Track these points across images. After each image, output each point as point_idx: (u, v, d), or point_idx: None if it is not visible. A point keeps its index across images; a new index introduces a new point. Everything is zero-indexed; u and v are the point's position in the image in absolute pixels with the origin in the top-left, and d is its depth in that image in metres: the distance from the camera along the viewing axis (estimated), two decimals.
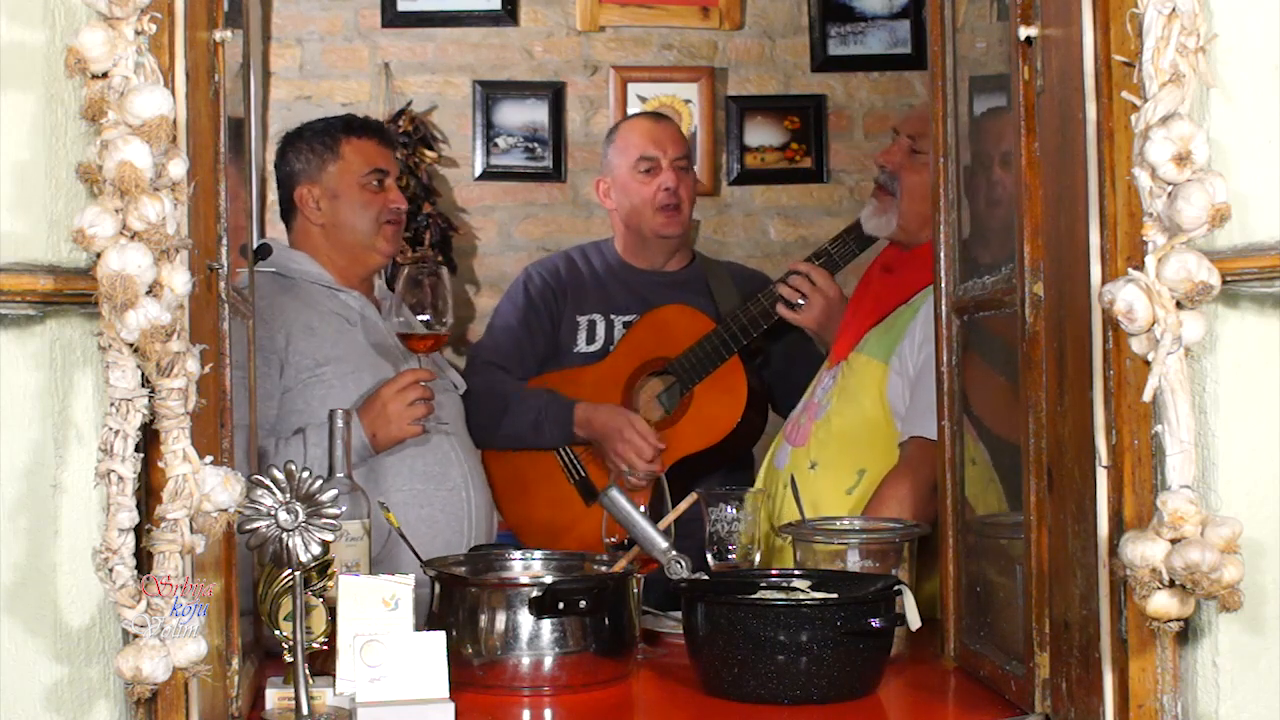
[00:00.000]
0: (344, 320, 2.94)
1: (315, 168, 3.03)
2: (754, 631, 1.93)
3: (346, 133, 3.04)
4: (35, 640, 1.57)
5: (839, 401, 2.75)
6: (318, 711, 1.82)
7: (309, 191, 3.03)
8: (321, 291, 2.97)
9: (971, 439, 2.19)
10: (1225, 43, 1.55)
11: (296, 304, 2.90)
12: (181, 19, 1.61)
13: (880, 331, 2.75)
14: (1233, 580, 1.42)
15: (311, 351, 2.84)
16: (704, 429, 3.27)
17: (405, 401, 2.75)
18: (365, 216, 3.00)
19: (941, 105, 2.29)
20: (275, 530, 1.73)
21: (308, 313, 2.89)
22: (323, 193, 3.02)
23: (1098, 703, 1.64)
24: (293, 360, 2.82)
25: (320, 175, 3.02)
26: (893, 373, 2.68)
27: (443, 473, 2.91)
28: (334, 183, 3.01)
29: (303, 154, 3.05)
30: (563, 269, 3.49)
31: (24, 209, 1.55)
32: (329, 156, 3.02)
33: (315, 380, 2.82)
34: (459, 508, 2.91)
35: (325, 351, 2.85)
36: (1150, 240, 1.45)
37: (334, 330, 2.90)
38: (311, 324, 2.88)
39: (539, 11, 4.77)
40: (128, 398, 1.48)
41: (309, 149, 3.05)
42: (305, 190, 3.03)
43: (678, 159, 3.41)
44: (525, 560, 2.31)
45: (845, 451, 2.68)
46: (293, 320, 2.85)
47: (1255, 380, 1.59)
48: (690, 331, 3.31)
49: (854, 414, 2.72)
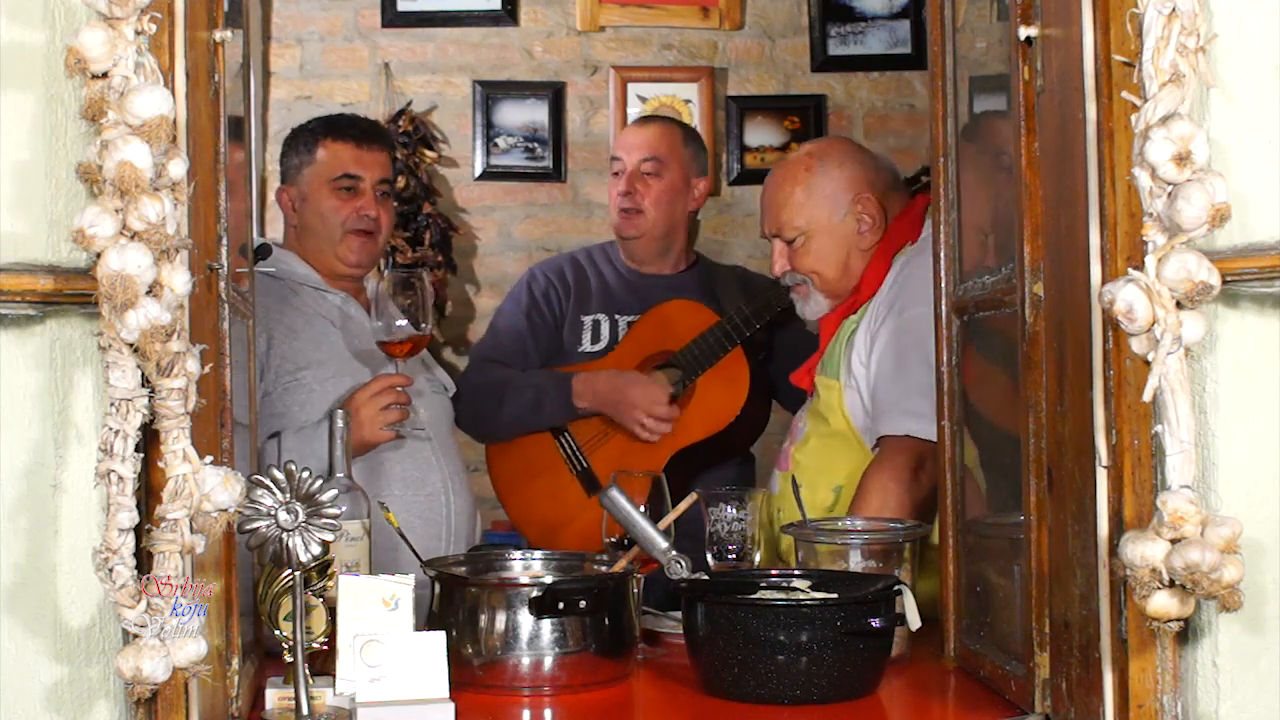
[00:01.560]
0: (328, 322, 2.92)
1: (294, 168, 3.03)
2: (754, 631, 1.93)
3: (325, 134, 3.01)
4: (35, 640, 1.57)
5: (812, 424, 2.81)
6: (318, 711, 1.82)
7: (286, 192, 3.03)
8: (308, 292, 2.95)
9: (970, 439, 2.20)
10: (1225, 43, 1.55)
11: (280, 305, 2.88)
12: (181, 19, 1.61)
13: (829, 349, 2.82)
14: (1233, 580, 1.42)
15: (293, 355, 2.83)
16: (707, 417, 3.28)
17: (378, 406, 2.72)
18: (330, 222, 2.97)
19: (941, 105, 2.29)
20: (275, 530, 1.73)
21: (291, 315, 2.88)
22: (296, 194, 3.01)
23: (1098, 703, 1.64)
24: (273, 364, 2.81)
25: (297, 176, 3.02)
26: (847, 389, 2.73)
27: (421, 478, 2.89)
28: (305, 184, 3.00)
29: (288, 154, 3.05)
30: (567, 269, 3.51)
31: (24, 209, 1.55)
32: (306, 158, 3.01)
33: (295, 384, 2.80)
34: (437, 513, 2.89)
35: (307, 355, 2.84)
36: (1150, 240, 1.45)
37: (317, 333, 2.88)
38: (294, 326, 2.86)
39: (539, 11, 4.77)
40: (128, 398, 1.48)
41: (293, 149, 3.04)
42: (283, 190, 3.04)
43: (642, 162, 3.42)
44: (525, 560, 2.31)
45: (821, 471, 2.72)
46: (275, 323, 2.84)
47: (1255, 380, 1.59)
48: (694, 326, 3.33)
49: (825, 433, 2.77)
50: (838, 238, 2.80)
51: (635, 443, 3.28)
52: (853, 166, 2.84)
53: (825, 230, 2.80)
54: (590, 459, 3.30)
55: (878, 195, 2.80)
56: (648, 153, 3.44)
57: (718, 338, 3.29)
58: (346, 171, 2.97)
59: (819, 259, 2.81)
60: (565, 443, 3.33)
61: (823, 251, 2.81)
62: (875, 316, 2.72)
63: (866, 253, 2.81)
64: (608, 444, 3.31)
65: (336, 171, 2.97)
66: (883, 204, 2.80)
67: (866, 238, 2.80)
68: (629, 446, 3.28)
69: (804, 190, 2.82)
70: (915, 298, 2.54)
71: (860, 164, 2.85)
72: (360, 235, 2.97)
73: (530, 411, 3.28)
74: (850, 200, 2.79)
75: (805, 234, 2.81)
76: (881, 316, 2.70)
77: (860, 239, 2.80)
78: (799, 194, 2.82)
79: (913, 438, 2.54)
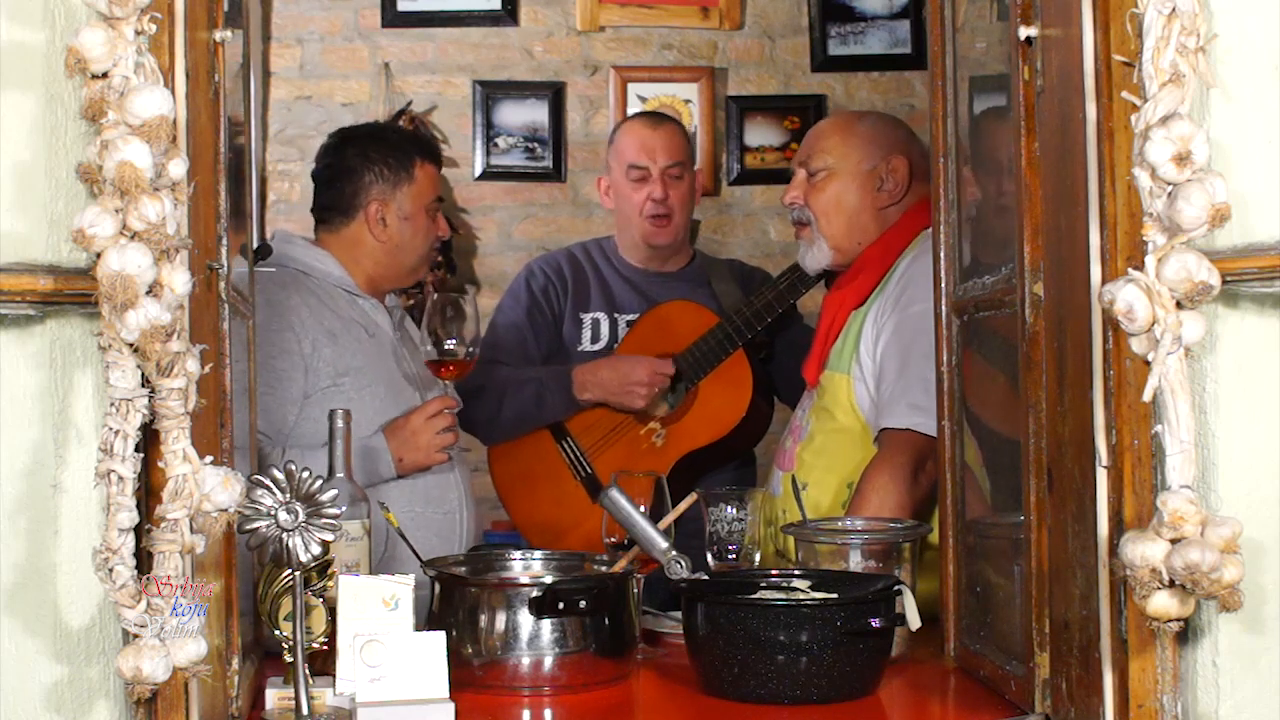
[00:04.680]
0: (363, 329, 2.90)
1: (390, 184, 2.96)
2: (754, 631, 1.93)
3: (421, 155, 3.02)
4: (35, 640, 1.57)
5: (817, 421, 2.79)
6: (318, 711, 1.82)
7: (381, 206, 2.95)
8: (342, 296, 2.92)
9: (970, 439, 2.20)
10: (1225, 43, 1.55)
11: (319, 308, 2.85)
12: (181, 19, 1.61)
13: (839, 343, 2.80)
14: (1233, 580, 1.42)
15: (333, 360, 2.81)
16: (710, 422, 3.27)
17: (435, 429, 2.77)
18: (425, 243, 3.01)
19: (941, 105, 2.29)
20: (275, 530, 1.73)
21: (330, 318, 2.86)
22: (395, 211, 2.96)
23: (1098, 703, 1.64)
24: (315, 367, 2.79)
25: (394, 193, 2.96)
26: (856, 380, 2.73)
27: (441, 495, 2.90)
28: (407, 204, 2.96)
29: (376, 165, 2.96)
30: (565, 266, 3.49)
31: (24, 209, 1.55)
32: (404, 176, 2.97)
33: (335, 390, 2.79)
34: (452, 530, 2.90)
35: (346, 361, 2.83)
36: (1150, 240, 1.45)
37: (354, 339, 2.87)
38: (334, 330, 2.85)
39: (539, 11, 4.77)
40: (128, 398, 1.48)
41: (384, 162, 2.97)
42: (378, 204, 2.95)
43: (670, 167, 3.39)
44: (525, 560, 2.31)
45: (831, 469, 2.71)
46: (316, 325, 2.82)
47: (1255, 380, 1.58)
48: (694, 327, 3.31)
49: (832, 429, 2.75)
50: (857, 186, 2.82)
51: (639, 449, 3.27)
52: (899, 131, 2.89)
53: (850, 173, 2.82)
54: (594, 464, 3.30)
55: (908, 168, 2.81)
56: (675, 157, 3.42)
57: (719, 339, 3.27)
58: (439, 195, 3.06)
59: (832, 200, 2.82)
60: (568, 448, 3.32)
61: (839, 194, 2.82)
62: (882, 310, 2.72)
63: (878, 217, 2.81)
64: (611, 450, 3.30)
65: (434, 194, 3.03)
66: (910, 178, 2.81)
67: (882, 198, 2.81)
68: (633, 453, 3.27)
69: (849, 130, 2.87)
70: (922, 293, 2.54)
71: (907, 136, 2.89)
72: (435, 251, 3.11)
73: (533, 406, 3.28)
74: (882, 156, 2.81)
75: (830, 171, 2.82)
76: (888, 310, 2.70)
77: (877, 197, 2.81)
78: (843, 131, 2.87)
79: (914, 433, 2.54)
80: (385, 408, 2.81)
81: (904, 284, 2.70)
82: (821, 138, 2.88)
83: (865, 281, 2.80)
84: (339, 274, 2.94)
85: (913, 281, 2.66)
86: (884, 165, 2.81)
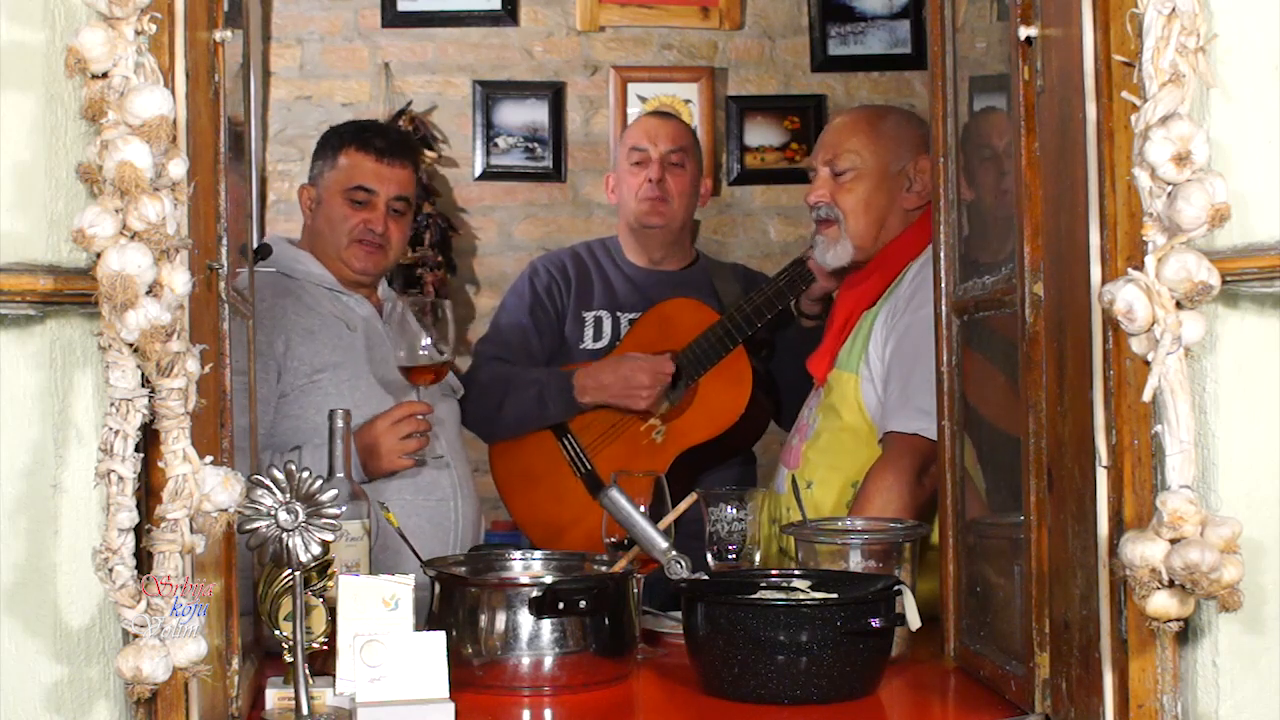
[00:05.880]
0: (344, 325, 2.92)
1: (316, 170, 3.06)
2: (754, 631, 1.93)
3: (350, 142, 3.02)
4: (35, 640, 1.57)
5: (824, 419, 2.79)
6: (318, 711, 1.82)
7: (306, 191, 3.06)
8: (324, 294, 2.95)
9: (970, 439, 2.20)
10: (1225, 43, 1.55)
11: (298, 307, 2.89)
12: (181, 19, 1.61)
13: (848, 343, 2.80)
14: (1232, 580, 1.42)
15: (310, 357, 2.82)
16: (710, 418, 3.28)
17: (398, 435, 2.74)
18: (339, 230, 2.97)
19: (941, 105, 2.30)
20: (275, 530, 1.73)
21: (308, 316, 2.88)
22: (314, 196, 3.03)
23: (1098, 703, 1.64)
24: (290, 365, 2.81)
25: (318, 179, 3.04)
26: (864, 380, 2.72)
27: (432, 482, 2.89)
28: (323, 188, 3.01)
29: (317, 153, 3.08)
30: (568, 264, 3.50)
31: (24, 209, 1.55)
32: (329, 162, 3.02)
33: (312, 386, 2.80)
34: (446, 518, 2.90)
35: (324, 358, 2.84)
36: (1150, 240, 1.45)
37: (334, 335, 2.88)
38: (311, 328, 2.87)
39: (539, 11, 4.77)
40: (128, 398, 1.48)
41: (320, 150, 3.07)
42: (305, 189, 3.07)
43: (670, 152, 3.41)
44: (525, 560, 2.31)
45: (837, 468, 2.71)
46: (292, 324, 2.84)
47: (1255, 380, 1.59)
48: (695, 325, 3.32)
49: (838, 428, 2.75)
50: (886, 187, 2.82)
51: (639, 445, 3.27)
52: (922, 130, 2.86)
53: (878, 173, 2.82)
54: (594, 462, 3.30)
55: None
56: (676, 144, 3.43)
57: (719, 336, 3.28)
58: (362, 184, 2.98)
59: (860, 200, 2.81)
60: (569, 445, 3.32)
61: (869, 195, 2.81)
62: (892, 312, 2.71)
63: (905, 218, 2.81)
64: (611, 447, 3.30)
65: (352, 182, 2.98)
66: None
67: (910, 199, 2.81)
68: (633, 449, 3.27)
69: (875, 130, 2.85)
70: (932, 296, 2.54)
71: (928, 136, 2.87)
72: (365, 245, 2.97)
73: (535, 407, 3.28)
74: (911, 158, 2.81)
75: (858, 171, 2.82)
76: (900, 312, 2.70)
77: (904, 199, 2.81)
78: (869, 131, 2.85)
79: (920, 437, 2.53)
80: (367, 402, 2.81)
81: (915, 287, 2.70)
82: (847, 136, 2.86)
83: (879, 281, 2.80)
84: (319, 272, 2.98)
85: (924, 284, 2.66)
86: (912, 166, 2.81)
